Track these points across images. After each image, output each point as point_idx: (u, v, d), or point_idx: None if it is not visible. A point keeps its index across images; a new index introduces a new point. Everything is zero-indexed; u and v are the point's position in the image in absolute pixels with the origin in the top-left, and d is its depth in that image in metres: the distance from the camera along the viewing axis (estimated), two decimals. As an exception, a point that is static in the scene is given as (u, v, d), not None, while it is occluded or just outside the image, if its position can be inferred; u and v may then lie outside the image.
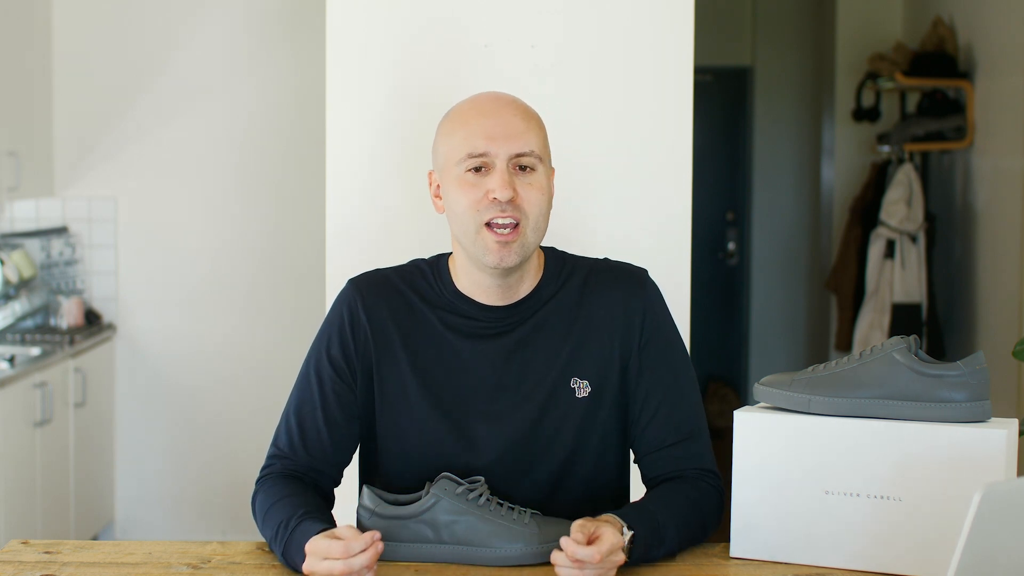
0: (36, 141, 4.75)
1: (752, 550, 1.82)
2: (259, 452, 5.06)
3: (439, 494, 1.81)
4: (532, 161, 1.86)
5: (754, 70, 7.23)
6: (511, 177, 1.84)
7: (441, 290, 1.95)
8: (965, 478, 1.68)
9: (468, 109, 1.90)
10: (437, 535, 1.80)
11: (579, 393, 1.91)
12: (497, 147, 1.84)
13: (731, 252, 7.37)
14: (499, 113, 1.87)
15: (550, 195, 1.90)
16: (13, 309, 4.58)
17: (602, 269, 1.99)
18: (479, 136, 1.85)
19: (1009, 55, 4.63)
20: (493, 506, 1.81)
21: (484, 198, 1.84)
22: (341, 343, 1.94)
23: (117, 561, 1.83)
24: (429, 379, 1.92)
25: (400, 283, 1.96)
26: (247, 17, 4.86)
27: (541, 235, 1.89)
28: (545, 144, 1.91)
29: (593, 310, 1.94)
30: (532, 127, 1.88)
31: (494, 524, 1.79)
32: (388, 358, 1.93)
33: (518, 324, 1.93)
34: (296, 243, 4.86)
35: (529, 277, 1.94)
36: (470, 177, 1.86)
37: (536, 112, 1.93)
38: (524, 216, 1.85)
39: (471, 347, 1.92)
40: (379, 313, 1.94)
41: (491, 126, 1.85)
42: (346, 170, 2.71)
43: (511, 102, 1.91)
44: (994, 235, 4.74)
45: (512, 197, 1.83)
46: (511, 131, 1.85)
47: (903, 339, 1.77)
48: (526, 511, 1.82)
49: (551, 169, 1.94)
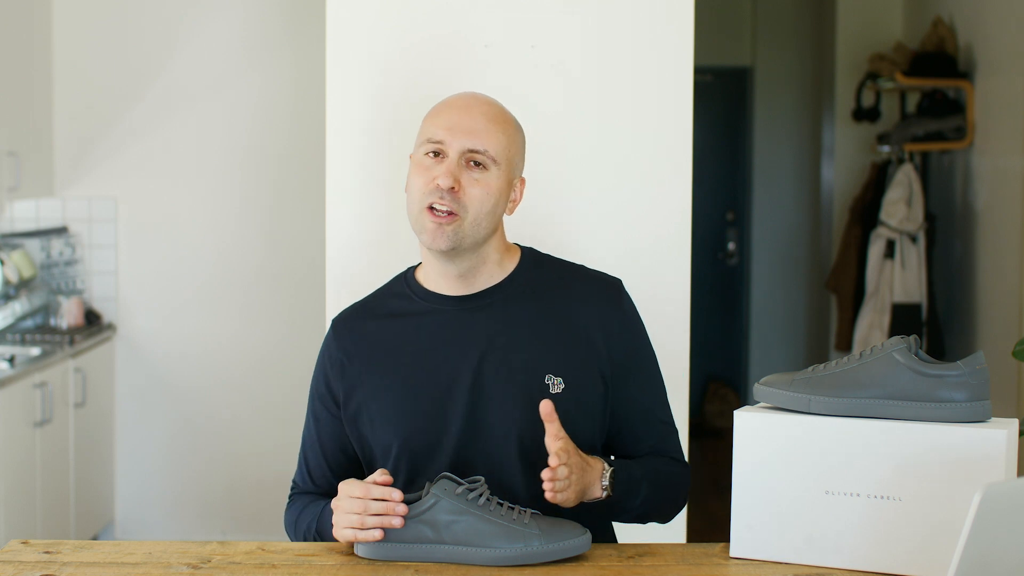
0: (36, 141, 4.75)
1: (752, 550, 1.82)
2: (259, 452, 5.12)
3: (439, 494, 1.81)
4: (483, 159, 1.95)
5: (754, 70, 7.23)
6: (459, 169, 1.94)
7: (411, 295, 2.05)
8: (965, 478, 1.68)
9: (445, 101, 2.02)
10: (437, 535, 1.80)
11: (552, 389, 1.96)
12: (452, 138, 1.94)
13: (731, 252, 7.37)
14: (467, 110, 1.97)
15: (498, 198, 1.97)
16: (13, 309, 4.58)
17: (579, 276, 2.07)
18: (441, 126, 1.96)
19: (1009, 55, 4.63)
20: (493, 506, 1.81)
21: (431, 182, 1.93)
22: (325, 379, 2.08)
23: (117, 561, 1.83)
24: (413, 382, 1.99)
25: (370, 312, 2.08)
26: (247, 17, 4.87)
27: (483, 232, 1.96)
28: (507, 150, 1.98)
29: (569, 314, 2.01)
30: (495, 130, 1.96)
31: (494, 524, 1.79)
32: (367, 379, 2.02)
33: (487, 306, 2.00)
34: (296, 243, 4.87)
35: (492, 269, 2.02)
36: (426, 161, 1.96)
37: (514, 122, 2.02)
38: (463, 209, 1.93)
39: (444, 341, 1.99)
40: (352, 342, 2.05)
41: (455, 119, 1.96)
42: (346, 170, 2.71)
43: (485, 103, 2.00)
44: (994, 235, 4.74)
45: (453, 188, 1.92)
46: (471, 127, 1.95)
47: (903, 339, 1.77)
48: (526, 511, 1.83)
49: (515, 178, 2.01)
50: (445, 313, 2.01)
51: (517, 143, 2.01)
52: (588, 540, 1.82)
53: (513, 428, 1.95)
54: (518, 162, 2.02)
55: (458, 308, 2.01)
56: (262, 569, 1.80)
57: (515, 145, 2.00)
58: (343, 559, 1.84)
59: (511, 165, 1.99)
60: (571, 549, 1.80)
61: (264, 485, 4.88)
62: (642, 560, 1.83)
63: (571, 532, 1.81)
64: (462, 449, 1.96)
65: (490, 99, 2.02)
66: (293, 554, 1.86)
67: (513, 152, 1.99)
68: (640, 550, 1.88)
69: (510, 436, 1.95)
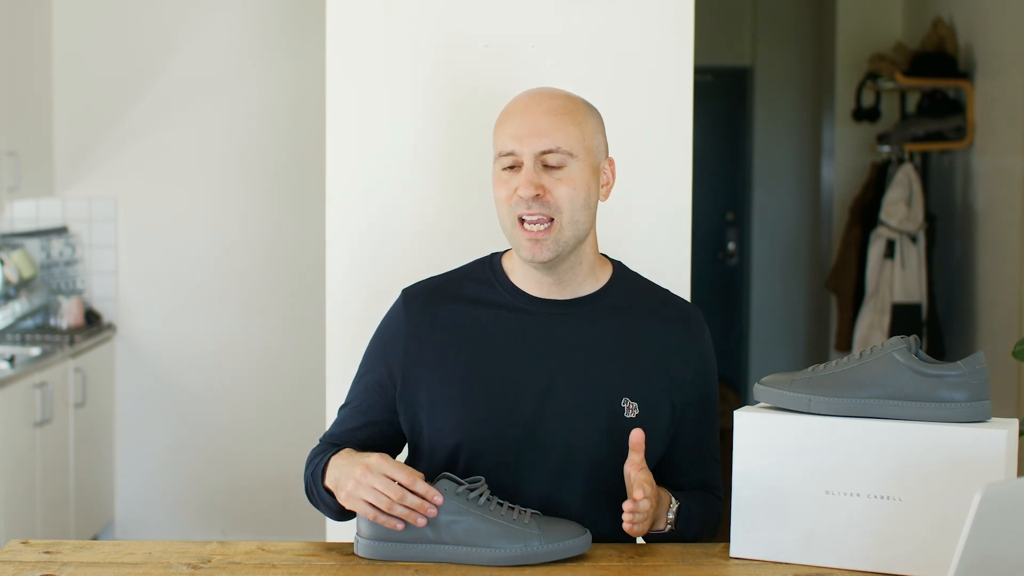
0: (36, 141, 4.75)
1: (752, 550, 1.82)
2: (259, 452, 5.11)
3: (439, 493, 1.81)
4: (560, 158, 1.91)
5: (754, 70, 7.23)
6: (537, 175, 1.90)
7: (496, 285, 2.00)
8: (965, 478, 1.68)
9: (507, 109, 1.98)
10: (437, 535, 1.80)
11: (627, 413, 1.95)
12: (522, 146, 1.91)
13: (731, 252, 7.37)
14: (528, 112, 1.93)
15: (588, 189, 1.93)
16: (13, 309, 4.58)
17: (666, 300, 2.06)
18: (508, 136, 1.93)
19: (1009, 55, 4.63)
20: (493, 506, 1.81)
21: (515, 194, 1.91)
22: (384, 352, 2.02)
23: (117, 561, 1.83)
24: (481, 378, 1.95)
25: (450, 293, 2.02)
26: (247, 17, 4.87)
27: (581, 228, 1.93)
28: (582, 138, 1.93)
29: (652, 337, 1.99)
30: (561, 124, 1.91)
31: (494, 524, 1.79)
32: (432, 363, 1.97)
33: (575, 316, 1.97)
34: (296, 243, 4.87)
35: (585, 276, 1.99)
36: (504, 175, 1.94)
37: (581, 107, 1.96)
38: (556, 211, 1.90)
39: (524, 344, 1.95)
40: (423, 321, 1.99)
41: (519, 125, 1.92)
42: (346, 170, 2.71)
43: (548, 98, 1.95)
44: (994, 235, 4.74)
45: (538, 194, 1.89)
46: (536, 130, 1.91)
47: (903, 339, 1.77)
48: (526, 511, 1.83)
49: (599, 161, 1.97)
50: (531, 314, 1.97)
51: (591, 127, 1.95)
52: (588, 540, 1.82)
53: (580, 443, 1.93)
54: (599, 145, 1.97)
55: (545, 312, 1.97)
56: (262, 569, 1.80)
57: (590, 130, 1.95)
58: (343, 559, 1.84)
59: (591, 152, 1.94)
60: (571, 549, 1.80)
61: (264, 485, 4.88)
62: (642, 560, 1.83)
63: (571, 532, 1.81)
64: (521, 454, 1.93)
65: (552, 91, 1.97)
66: (293, 554, 1.86)
67: (589, 137, 1.94)
68: (640, 550, 1.88)
69: (575, 451, 1.93)
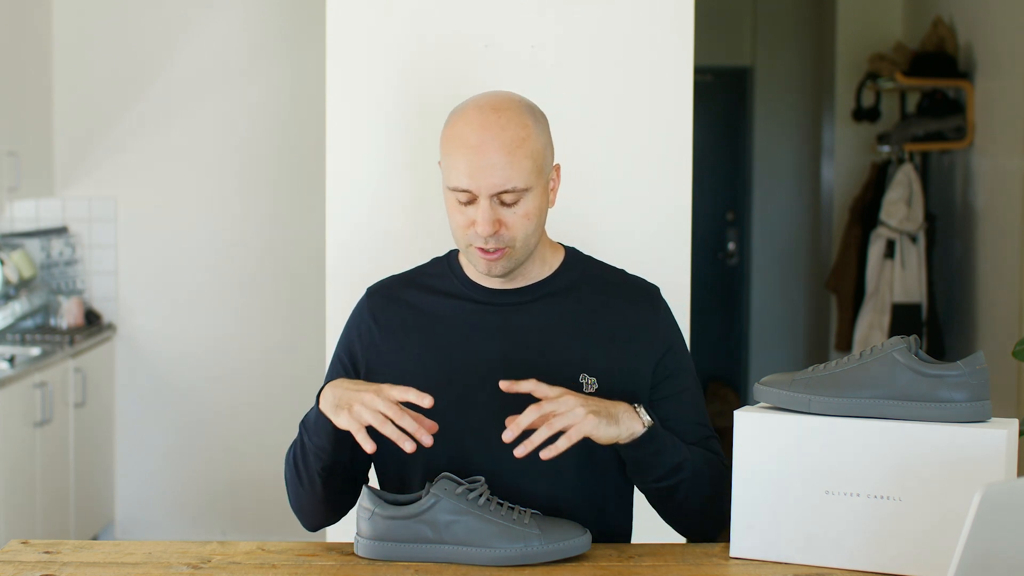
0: (36, 141, 4.75)
1: (752, 550, 1.82)
2: (259, 452, 5.12)
3: (439, 494, 1.81)
4: (515, 196, 1.88)
5: (754, 70, 7.23)
6: (493, 211, 1.87)
7: (453, 280, 2.04)
8: (965, 478, 1.68)
9: (459, 133, 1.89)
10: (437, 535, 1.80)
11: (586, 388, 1.96)
12: (478, 184, 1.86)
13: (731, 252, 7.37)
14: (482, 149, 1.85)
15: (540, 213, 1.93)
16: (13, 309, 4.58)
17: (619, 279, 2.06)
18: (463, 172, 1.86)
19: (1009, 55, 4.63)
20: (493, 506, 1.81)
21: (471, 225, 1.89)
22: (349, 345, 2.05)
23: (117, 561, 1.83)
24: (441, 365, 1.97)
25: (409, 283, 2.06)
26: (247, 18, 4.87)
27: (534, 244, 1.95)
28: (535, 165, 1.88)
29: (607, 315, 2.00)
30: (515, 160, 1.85)
31: (494, 524, 1.79)
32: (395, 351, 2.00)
33: (528, 303, 1.99)
34: (296, 243, 4.87)
35: (537, 266, 2.01)
36: (459, 205, 1.90)
37: (532, 132, 1.89)
38: (511, 240, 1.91)
39: (481, 331, 1.98)
40: (385, 311, 2.03)
41: (472, 162, 1.85)
42: (346, 170, 2.71)
43: (496, 132, 1.86)
44: (994, 235, 4.74)
45: (495, 230, 1.88)
46: (491, 170, 1.85)
47: (903, 339, 1.77)
48: (526, 511, 1.83)
49: (549, 175, 1.95)
50: (486, 304, 2.00)
51: (541, 144, 1.90)
52: (588, 540, 1.82)
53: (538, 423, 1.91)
54: (548, 159, 1.94)
55: (500, 301, 2.00)
56: (262, 569, 1.80)
57: (540, 149, 1.90)
58: (343, 559, 1.84)
59: (542, 173, 1.92)
60: (571, 549, 1.80)
61: (264, 485, 4.88)
62: (642, 560, 1.83)
63: (571, 532, 1.81)
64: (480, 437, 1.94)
65: (502, 117, 1.88)
66: (293, 554, 1.86)
67: (540, 159, 1.90)
68: (640, 550, 1.88)
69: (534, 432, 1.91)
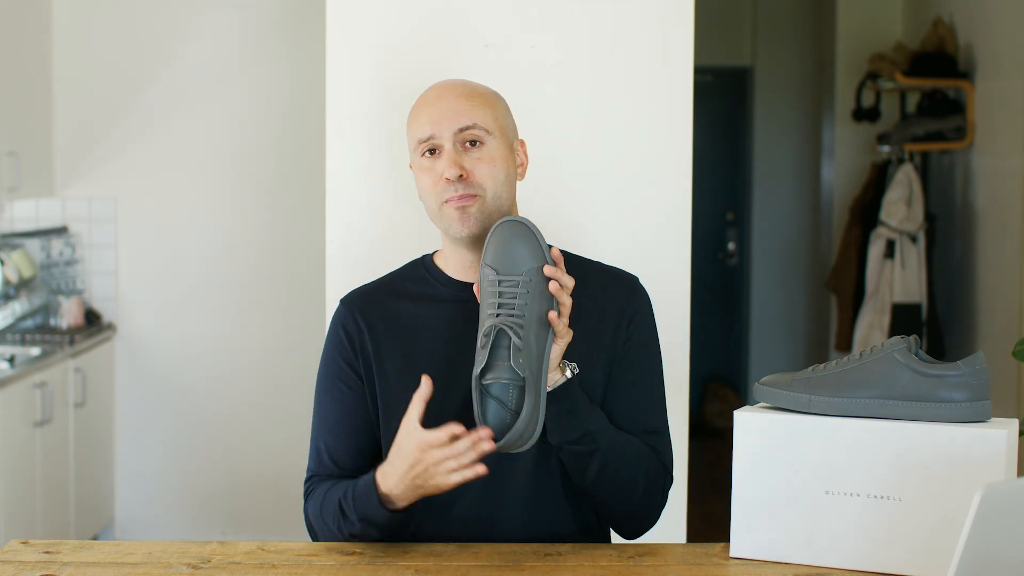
0: (36, 141, 4.75)
1: (752, 550, 1.82)
2: (259, 452, 5.10)
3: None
4: (478, 134, 1.96)
5: (754, 70, 7.23)
6: (458, 155, 1.95)
7: (431, 280, 2.05)
8: (965, 478, 1.68)
9: (418, 102, 2.03)
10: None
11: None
12: (440, 128, 1.96)
13: (731, 252, 7.37)
14: (442, 99, 1.99)
15: (508, 165, 1.99)
16: (13, 309, 4.58)
17: (596, 269, 2.07)
18: (424, 122, 1.98)
19: (1009, 55, 4.63)
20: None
21: (440, 180, 1.95)
22: (341, 354, 2.03)
23: (117, 561, 1.83)
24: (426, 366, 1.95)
25: (386, 289, 2.07)
26: (247, 18, 4.87)
27: (504, 203, 1.98)
28: (496, 117, 1.99)
29: (588, 305, 1.99)
30: (476, 104, 1.98)
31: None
32: (385, 359, 2.00)
33: None
34: (296, 243, 4.87)
35: None
36: (426, 162, 1.98)
37: (490, 92, 2.03)
38: (480, 189, 1.95)
39: (466, 329, 1.96)
40: (370, 320, 2.03)
41: (434, 111, 1.97)
42: (346, 170, 2.71)
43: (456, 86, 2.01)
44: (994, 235, 4.74)
45: (462, 175, 1.94)
46: (452, 111, 1.96)
47: (903, 339, 1.77)
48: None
49: (513, 140, 2.02)
50: (466, 302, 1.99)
51: (502, 108, 2.03)
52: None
53: None
54: (510, 126, 2.04)
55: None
56: (262, 569, 1.80)
57: (501, 111, 2.02)
58: (343, 559, 1.84)
59: (505, 131, 2.00)
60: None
61: (264, 485, 4.88)
62: (642, 560, 1.83)
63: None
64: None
65: (458, 80, 2.05)
66: (293, 554, 1.86)
67: (501, 117, 2.01)
68: (640, 550, 1.88)
69: None
